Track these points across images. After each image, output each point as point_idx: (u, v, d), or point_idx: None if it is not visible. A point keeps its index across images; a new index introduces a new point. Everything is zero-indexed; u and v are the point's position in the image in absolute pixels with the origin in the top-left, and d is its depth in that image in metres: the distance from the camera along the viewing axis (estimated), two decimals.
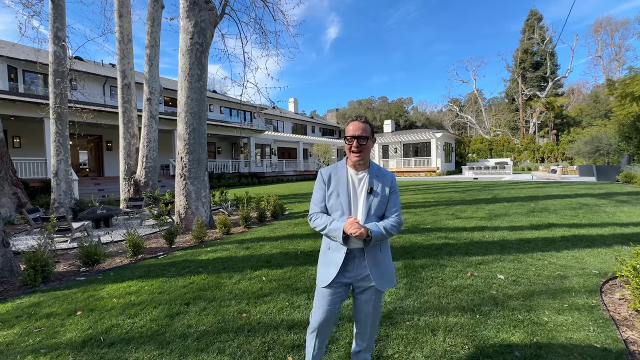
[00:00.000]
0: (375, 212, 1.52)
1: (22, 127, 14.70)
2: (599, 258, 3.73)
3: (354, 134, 1.48)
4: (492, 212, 6.91)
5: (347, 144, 1.52)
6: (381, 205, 1.53)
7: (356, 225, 1.39)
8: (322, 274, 1.58)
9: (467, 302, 2.69)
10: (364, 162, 1.54)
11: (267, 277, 3.44)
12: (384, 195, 1.53)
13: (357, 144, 1.48)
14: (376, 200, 1.51)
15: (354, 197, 1.53)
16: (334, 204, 1.55)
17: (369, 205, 1.51)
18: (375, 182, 1.54)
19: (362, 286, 1.55)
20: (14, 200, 8.22)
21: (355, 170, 1.56)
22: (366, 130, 1.50)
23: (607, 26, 37.90)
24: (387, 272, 1.57)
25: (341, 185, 1.54)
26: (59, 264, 4.32)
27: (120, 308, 2.80)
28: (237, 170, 21.61)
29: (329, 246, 1.58)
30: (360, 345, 1.68)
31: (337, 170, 1.59)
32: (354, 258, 1.53)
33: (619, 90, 14.83)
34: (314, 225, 1.56)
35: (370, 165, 1.58)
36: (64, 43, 8.29)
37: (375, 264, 1.52)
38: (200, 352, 2.09)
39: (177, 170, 6.31)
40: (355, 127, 1.50)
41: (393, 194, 1.56)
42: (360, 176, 1.55)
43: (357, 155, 1.50)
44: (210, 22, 6.38)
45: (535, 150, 31.56)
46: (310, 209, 1.62)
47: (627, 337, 2.13)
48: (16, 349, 2.22)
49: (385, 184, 1.54)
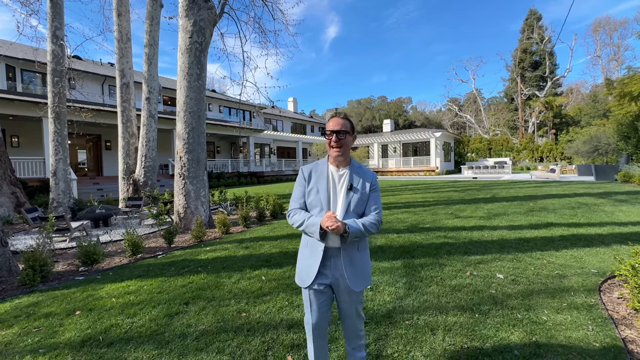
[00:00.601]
0: (354, 209, 1.50)
1: (20, 126, 14.65)
2: (598, 257, 3.74)
3: (333, 129, 1.48)
4: (491, 212, 6.92)
5: (327, 139, 1.52)
6: (361, 203, 1.51)
7: (333, 219, 1.36)
8: (300, 274, 1.57)
9: (466, 301, 2.70)
10: (345, 157, 1.54)
11: (266, 277, 3.44)
12: (364, 192, 1.52)
13: (337, 138, 1.48)
14: (356, 197, 1.50)
15: (333, 193, 1.52)
16: (313, 200, 1.53)
17: (349, 201, 1.49)
18: (356, 178, 1.52)
19: (339, 286, 1.51)
20: (12, 200, 8.19)
21: (336, 167, 1.55)
22: (345, 125, 1.50)
23: (606, 26, 37.98)
24: (363, 272, 1.54)
25: (321, 181, 1.53)
26: (58, 263, 4.31)
27: (119, 308, 2.80)
28: (236, 169, 21.59)
29: (307, 244, 1.55)
30: (349, 344, 1.65)
31: (317, 167, 1.58)
32: (332, 257, 1.50)
33: (618, 89, 14.86)
34: (292, 221, 1.54)
35: (351, 163, 1.57)
36: (63, 42, 8.26)
37: (350, 262, 1.49)
38: (199, 352, 2.09)
39: (176, 169, 6.30)
40: (334, 122, 1.50)
41: (373, 192, 1.55)
42: (341, 172, 1.54)
43: (337, 150, 1.50)
44: (209, 21, 6.36)
45: (534, 149, 31.62)
46: (289, 205, 1.60)
47: (626, 336, 2.14)
48: (15, 348, 2.21)
49: (365, 181, 1.53)
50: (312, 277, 1.49)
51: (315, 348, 1.61)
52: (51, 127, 8.21)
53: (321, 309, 1.55)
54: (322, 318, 1.56)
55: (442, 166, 25.88)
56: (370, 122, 49.52)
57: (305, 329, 1.64)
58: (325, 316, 1.57)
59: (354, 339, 1.62)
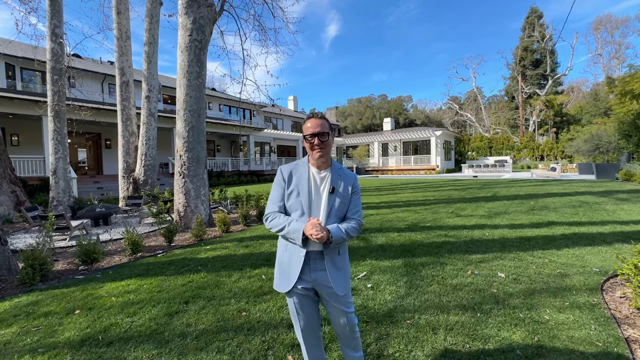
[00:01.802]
0: (336, 213, 1.45)
1: (20, 125, 14.63)
2: (600, 256, 3.72)
3: (313, 132, 1.42)
4: (492, 210, 6.90)
5: (308, 143, 1.45)
6: (342, 206, 1.47)
7: (318, 227, 1.32)
8: (279, 280, 1.51)
9: (467, 300, 2.68)
10: (327, 159, 1.48)
11: (266, 276, 3.43)
12: (346, 195, 1.47)
13: (319, 140, 1.42)
14: (338, 201, 1.45)
15: (315, 196, 1.46)
16: (293, 203, 1.47)
17: (331, 205, 1.44)
18: (338, 181, 1.47)
19: (322, 290, 1.46)
20: (12, 199, 8.18)
21: (317, 168, 1.49)
22: (324, 126, 1.44)
23: (607, 24, 37.84)
24: (346, 275, 1.50)
25: (302, 183, 1.47)
26: (58, 262, 4.30)
27: (119, 307, 2.79)
28: (236, 168, 21.57)
29: (285, 249, 1.49)
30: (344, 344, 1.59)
31: (297, 168, 1.52)
32: (313, 260, 1.44)
33: (619, 88, 14.82)
34: (270, 225, 1.46)
35: (332, 164, 1.51)
36: (62, 40, 8.22)
37: (334, 266, 1.45)
38: (199, 351, 2.07)
39: (176, 168, 6.28)
40: (313, 124, 1.44)
41: (355, 195, 1.50)
42: (322, 175, 1.48)
43: (319, 151, 1.44)
44: (209, 18, 6.33)
45: (534, 148, 31.57)
46: (267, 207, 1.53)
47: (629, 336, 2.12)
48: (14, 348, 2.20)
49: (347, 184, 1.48)
50: (292, 283, 1.44)
51: (308, 349, 1.57)
52: (51, 126, 8.19)
53: (309, 315, 1.51)
54: (310, 320, 1.52)
55: (443, 165, 25.85)
56: (370, 121, 49.44)
57: (296, 333, 1.59)
58: (314, 318, 1.53)
59: (347, 340, 1.56)
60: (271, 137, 26.19)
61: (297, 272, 1.43)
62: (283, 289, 1.47)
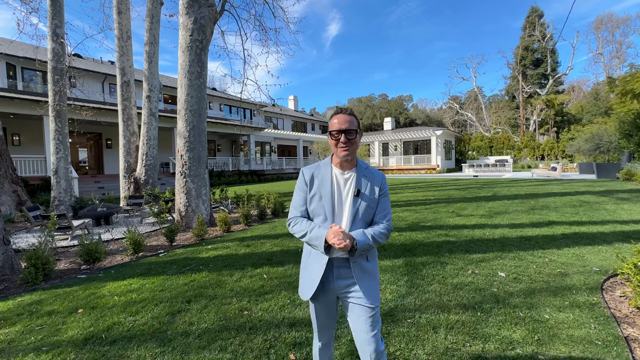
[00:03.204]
0: (362, 218, 1.35)
1: (21, 124, 14.66)
2: (600, 255, 3.73)
3: (340, 128, 1.31)
4: (493, 210, 6.91)
5: (333, 140, 1.34)
6: (369, 210, 1.36)
7: (340, 235, 1.23)
8: (302, 285, 1.44)
9: (468, 299, 2.70)
10: (352, 159, 1.37)
11: (268, 275, 3.45)
12: (373, 198, 1.36)
13: (345, 138, 1.31)
14: (364, 204, 1.34)
15: (338, 200, 1.36)
16: (315, 208, 1.38)
17: (356, 209, 1.34)
18: (364, 182, 1.36)
19: (349, 301, 1.36)
20: (14, 198, 8.21)
21: (341, 169, 1.39)
22: (353, 123, 1.33)
23: (608, 23, 37.79)
24: (376, 283, 1.39)
25: (324, 186, 1.37)
26: (60, 261, 4.32)
27: (121, 306, 2.80)
28: (237, 167, 21.59)
29: (309, 253, 1.42)
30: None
31: (320, 169, 1.42)
32: (338, 268, 1.35)
33: (620, 87, 14.80)
34: (293, 231, 1.40)
35: (358, 164, 1.40)
36: (63, 40, 8.24)
37: (363, 273, 1.35)
38: (202, 350, 2.09)
39: (178, 168, 6.30)
40: (341, 120, 1.32)
41: (383, 197, 1.38)
42: (346, 176, 1.37)
43: (345, 150, 1.32)
44: (209, 18, 6.34)
45: (535, 147, 31.55)
46: (289, 212, 1.46)
47: (628, 335, 2.13)
48: (18, 346, 2.22)
49: (374, 185, 1.37)
50: (313, 290, 1.36)
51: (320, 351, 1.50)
52: (52, 126, 8.21)
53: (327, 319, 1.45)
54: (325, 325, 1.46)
55: (443, 164, 25.85)
56: (371, 120, 49.43)
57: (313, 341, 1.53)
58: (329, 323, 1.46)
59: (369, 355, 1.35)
60: (272, 136, 26.21)
61: (318, 279, 1.35)
62: (305, 296, 1.40)
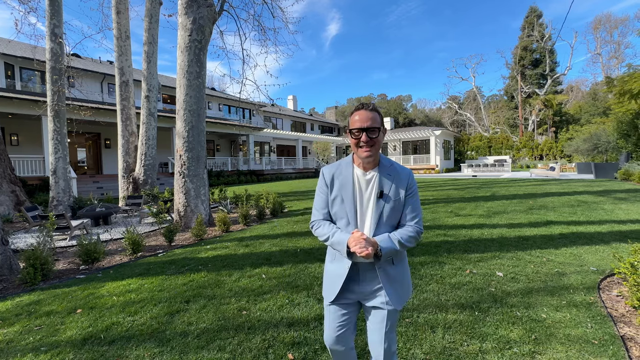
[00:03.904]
0: (387, 221, 1.26)
1: (19, 124, 14.62)
2: (597, 255, 3.75)
3: (362, 126, 1.20)
4: (491, 210, 6.93)
5: (354, 138, 1.23)
6: (395, 212, 1.26)
7: (362, 242, 1.15)
8: (325, 287, 1.38)
9: (466, 299, 2.71)
10: (375, 159, 1.27)
11: (266, 275, 3.45)
12: (398, 199, 1.25)
13: (367, 137, 1.20)
14: (388, 207, 1.25)
15: (360, 203, 1.28)
16: (338, 211, 1.31)
17: (380, 212, 1.25)
18: (387, 183, 1.26)
19: (371, 304, 1.30)
20: (12, 199, 8.19)
21: (363, 169, 1.29)
22: (376, 120, 1.22)
23: (607, 23, 37.91)
24: (402, 285, 1.32)
25: (346, 188, 1.29)
26: (59, 262, 4.32)
27: (120, 306, 2.81)
28: (236, 167, 21.58)
29: (333, 258, 1.36)
30: None
31: (341, 169, 1.33)
32: (363, 272, 1.29)
33: (618, 87, 14.84)
34: (316, 234, 1.35)
35: (381, 163, 1.29)
36: (61, 40, 8.22)
37: (388, 278, 1.27)
38: (200, 350, 2.10)
39: (176, 168, 6.30)
40: (363, 117, 1.21)
41: (410, 197, 1.27)
42: (368, 177, 1.28)
43: (367, 150, 1.22)
44: (208, 18, 6.34)
45: (533, 147, 31.63)
46: (312, 214, 1.41)
47: (625, 334, 2.15)
48: (16, 347, 2.22)
49: (399, 185, 1.26)
50: (335, 293, 1.31)
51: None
52: (50, 126, 8.19)
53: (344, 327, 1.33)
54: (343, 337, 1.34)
55: (442, 164, 25.89)
56: None
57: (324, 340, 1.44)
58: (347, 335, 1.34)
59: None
60: (271, 136, 26.19)
61: (340, 282, 1.29)
62: (328, 298, 1.35)
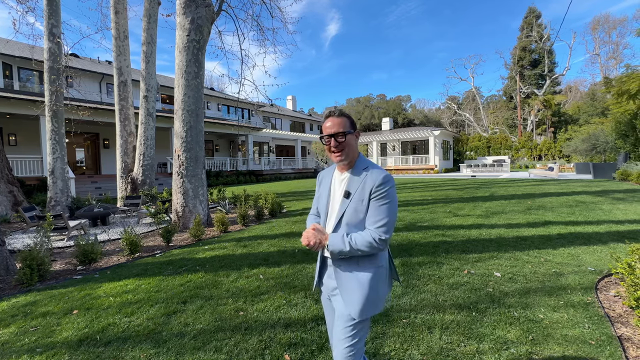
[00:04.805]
0: (349, 221, 1.27)
1: (17, 124, 14.58)
2: (595, 255, 3.75)
3: (329, 132, 1.28)
4: (490, 210, 6.93)
5: (325, 144, 1.32)
6: (357, 214, 1.25)
7: (311, 233, 1.25)
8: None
9: (463, 299, 2.71)
10: (349, 161, 1.32)
11: (264, 275, 3.44)
12: (361, 200, 1.24)
13: (335, 142, 1.28)
14: (351, 207, 1.26)
15: (332, 201, 1.38)
16: (318, 207, 1.46)
17: (342, 211, 1.29)
18: (354, 184, 1.28)
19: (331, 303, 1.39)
20: (9, 199, 8.16)
21: (340, 171, 1.38)
22: (343, 124, 1.29)
23: (605, 24, 38.04)
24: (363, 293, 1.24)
25: (324, 188, 1.43)
26: (56, 262, 4.30)
27: (116, 307, 2.79)
28: (235, 168, 21.55)
29: None
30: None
31: (328, 172, 1.47)
32: (330, 266, 1.37)
33: (616, 88, 14.87)
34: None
35: (356, 165, 1.33)
36: (59, 40, 8.20)
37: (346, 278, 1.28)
38: (197, 351, 2.09)
39: (175, 168, 6.28)
40: (329, 124, 1.30)
41: (376, 200, 1.22)
42: (342, 177, 1.36)
43: (337, 155, 1.29)
44: (207, 18, 6.33)
45: (532, 148, 31.70)
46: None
47: (622, 334, 2.15)
48: (12, 348, 2.21)
49: (366, 186, 1.24)
50: (315, 283, 1.46)
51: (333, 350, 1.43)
52: (49, 126, 8.17)
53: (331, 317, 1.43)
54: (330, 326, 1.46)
55: (441, 164, 25.91)
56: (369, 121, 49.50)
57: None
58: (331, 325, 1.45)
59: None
60: (270, 136, 26.18)
61: (317, 273, 1.44)
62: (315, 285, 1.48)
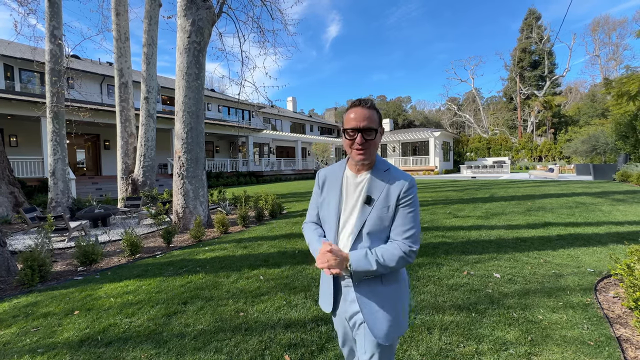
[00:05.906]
0: (372, 232, 1.07)
1: (18, 126, 14.62)
2: (595, 256, 3.76)
3: (357, 125, 1.04)
4: (489, 211, 6.94)
5: (348, 139, 1.07)
6: (381, 222, 1.06)
7: (328, 256, 0.99)
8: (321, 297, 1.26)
9: (463, 300, 2.71)
10: (370, 162, 1.11)
11: (264, 276, 3.45)
12: (387, 207, 1.05)
13: (362, 139, 1.04)
14: (374, 215, 1.06)
15: (347, 208, 1.12)
16: (324, 216, 1.19)
17: (363, 220, 1.07)
18: (377, 187, 1.08)
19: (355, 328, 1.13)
20: (10, 200, 8.18)
21: (356, 172, 1.14)
22: (373, 119, 1.05)
23: (605, 25, 38.11)
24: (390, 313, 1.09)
25: (333, 191, 1.16)
26: (56, 263, 4.32)
27: (117, 307, 2.81)
28: (235, 169, 21.57)
29: None
30: None
31: (334, 172, 1.21)
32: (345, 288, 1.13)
33: (616, 89, 14.87)
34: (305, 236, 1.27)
35: (375, 166, 1.12)
36: (61, 41, 8.24)
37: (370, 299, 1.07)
38: (197, 351, 2.10)
39: (175, 169, 6.30)
40: (359, 115, 1.04)
41: (404, 207, 1.05)
42: (358, 179, 1.12)
43: (361, 153, 1.06)
44: (207, 20, 6.36)
45: (532, 149, 31.70)
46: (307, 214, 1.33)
47: (620, 335, 2.15)
48: (13, 348, 2.22)
49: (391, 191, 1.06)
50: (329, 307, 1.18)
51: None
52: (49, 127, 8.20)
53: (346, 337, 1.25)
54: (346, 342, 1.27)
55: (441, 165, 25.92)
56: None
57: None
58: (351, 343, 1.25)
59: None
60: (270, 138, 26.20)
61: (330, 296, 1.17)
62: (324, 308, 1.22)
